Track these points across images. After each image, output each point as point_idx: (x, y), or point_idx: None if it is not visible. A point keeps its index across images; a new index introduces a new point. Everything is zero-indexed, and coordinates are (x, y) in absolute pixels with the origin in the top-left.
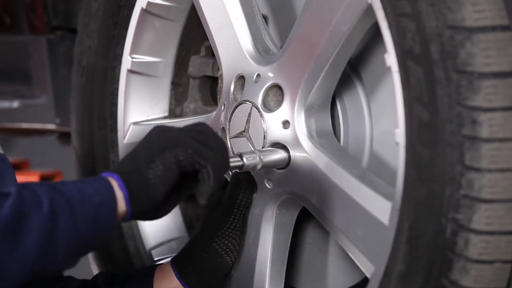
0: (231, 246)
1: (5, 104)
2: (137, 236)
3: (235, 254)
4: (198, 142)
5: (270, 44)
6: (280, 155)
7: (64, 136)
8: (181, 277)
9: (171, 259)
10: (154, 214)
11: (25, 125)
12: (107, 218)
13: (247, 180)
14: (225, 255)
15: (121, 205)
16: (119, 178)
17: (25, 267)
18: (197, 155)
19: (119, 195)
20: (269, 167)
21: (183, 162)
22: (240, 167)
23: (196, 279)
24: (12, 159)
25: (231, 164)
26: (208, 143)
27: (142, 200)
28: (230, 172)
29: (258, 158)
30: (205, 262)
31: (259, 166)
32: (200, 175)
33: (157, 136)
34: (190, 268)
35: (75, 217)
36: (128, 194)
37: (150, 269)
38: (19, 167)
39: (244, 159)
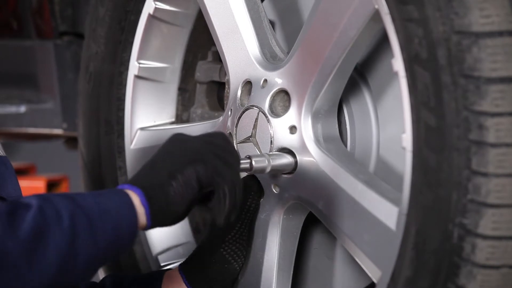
0: (238, 252)
1: (12, 109)
2: (143, 241)
3: (243, 259)
4: (218, 159)
5: (277, 50)
6: (287, 159)
7: (71, 141)
8: (188, 283)
9: (179, 265)
10: (169, 225)
11: (32, 130)
12: (128, 233)
13: (256, 186)
14: (232, 260)
15: (142, 219)
16: (141, 193)
17: (43, 282)
18: (216, 174)
19: (141, 210)
20: (277, 171)
21: (203, 180)
22: (249, 169)
23: (204, 285)
24: (18, 163)
25: (240, 166)
26: (227, 160)
27: (164, 217)
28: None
29: (266, 162)
30: (212, 268)
31: (267, 169)
32: (216, 194)
33: (178, 148)
34: (198, 274)
35: (95, 234)
36: (149, 211)
37: (158, 274)
38: (25, 171)
39: (253, 162)
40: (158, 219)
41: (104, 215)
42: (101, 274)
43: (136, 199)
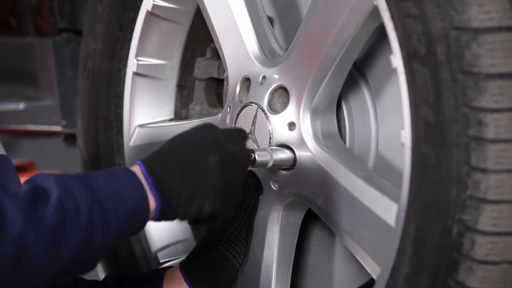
0: (238, 249)
1: (11, 106)
2: (143, 238)
3: (242, 256)
4: (226, 189)
5: (275, 46)
6: (287, 154)
7: (70, 138)
8: (189, 280)
9: (180, 263)
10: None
11: (31, 127)
12: (139, 223)
13: (255, 183)
14: (232, 258)
15: (152, 211)
16: (157, 195)
17: (58, 273)
18: (219, 209)
19: (152, 204)
20: (278, 166)
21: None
22: (252, 163)
23: (204, 282)
24: (18, 161)
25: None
26: (234, 192)
27: (171, 216)
28: None
29: (269, 156)
30: (212, 266)
31: (270, 164)
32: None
33: (195, 161)
34: (198, 272)
35: (110, 225)
36: (160, 208)
37: (159, 272)
38: (25, 169)
39: (256, 156)
40: (165, 217)
41: (118, 204)
42: (101, 272)
43: (149, 193)
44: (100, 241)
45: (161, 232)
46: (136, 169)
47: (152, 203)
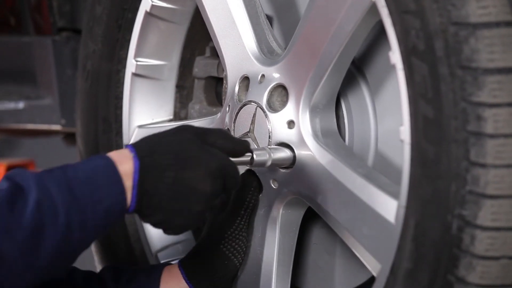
0: (238, 248)
1: (11, 105)
2: (143, 239)
3: (242, 256)
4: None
5: (274, 45)
6: (286, 153)
7: (70, 137)
8: (188, 278)
9: (179, 261)
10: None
11: (30, 126)
12: (115, 218)
13: (255, 182)
14: (232, 257)
15: (128, 203)
16: (134, 196)
17: (37, 276)
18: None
19: (129, 198)
20: (276, 165)
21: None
22: (250, 163)
23: (204, 281)
24: (18, 159)
25: (241, 159)
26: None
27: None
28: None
29: (267, 155)
30: (212, 265)
31: (268, 163)
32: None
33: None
34: (197, 270)
35: (87, 224)
36: (134, 206)
37: (157, 268)
38: (24, 168)
39: (254, 155)
40: (142, 215)
41: (97, 204)
42: (98, 266)
43: (129, 192)
44: (77, 241)
45: (161, 233)
46: (125, 160)
47: (129, 199)
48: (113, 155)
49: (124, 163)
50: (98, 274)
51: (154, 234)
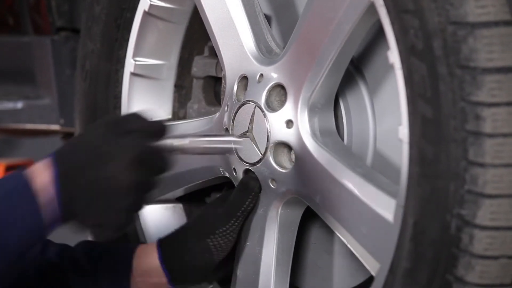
0: (224, 246)
1: (9, 105)
2: (141, 238)
3: (224, 254)
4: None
5: (272, 44)
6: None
7: (69, 137)
8: (163, 260)
9: (158, 240)
10: None
11: (29, 126)
12: (38, 236)
13: (257, 187)
14: (215, 253)
15: (51, 216)
16: (60, 205)
17: None
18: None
19: (51, 210)
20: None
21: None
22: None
23: (177, 267)
24: (16, 159)
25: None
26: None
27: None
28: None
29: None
30: (192, 254)
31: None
32: None
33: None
34: (176, 255)
35: (8, 246)
36: (62, 214)
37: (131, 246)
38: (23, 167)
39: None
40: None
41: (12, 226)
42: None
43: (51, 202)
44: None
45: (159, 231)
46: (43, 170)
47: (53, 211)
48: (33, 168)
49: (41, 174)
50: (72, 248)
51: (153, 234)
